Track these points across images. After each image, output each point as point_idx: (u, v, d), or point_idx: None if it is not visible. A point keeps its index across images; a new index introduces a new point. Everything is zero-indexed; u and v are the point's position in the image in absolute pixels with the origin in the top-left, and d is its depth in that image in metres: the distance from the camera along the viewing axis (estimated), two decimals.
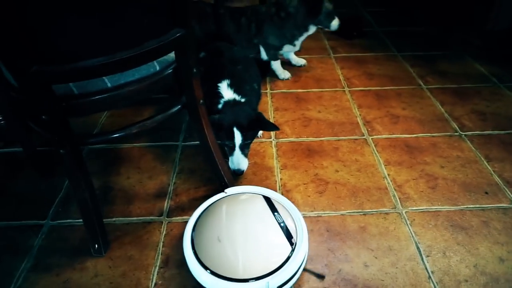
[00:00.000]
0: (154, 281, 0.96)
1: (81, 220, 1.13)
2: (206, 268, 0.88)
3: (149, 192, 1.23)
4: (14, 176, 1.30)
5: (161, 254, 1.03)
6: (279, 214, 1.01)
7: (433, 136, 1.46)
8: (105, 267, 1.00)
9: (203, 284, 0.88)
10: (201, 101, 1.05)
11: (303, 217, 1.13)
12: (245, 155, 1.24)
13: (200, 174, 1.29)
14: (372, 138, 1.45)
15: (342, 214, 1.13)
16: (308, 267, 0.98)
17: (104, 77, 0.85)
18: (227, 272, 0.87)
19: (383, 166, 1.32)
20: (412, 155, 1.36)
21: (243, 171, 1.22)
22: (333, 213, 1.14)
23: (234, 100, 1.26)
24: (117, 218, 1.13)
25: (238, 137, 1.19)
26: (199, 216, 1.02)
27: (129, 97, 0.89)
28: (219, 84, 1.29)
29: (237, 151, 1.21)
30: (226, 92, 1.28)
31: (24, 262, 1.02)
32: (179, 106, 1.03)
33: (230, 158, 1.23)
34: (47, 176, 1.29)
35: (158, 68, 0.93)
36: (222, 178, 1.18)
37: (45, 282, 0.96)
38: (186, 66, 0.96)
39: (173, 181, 1.27)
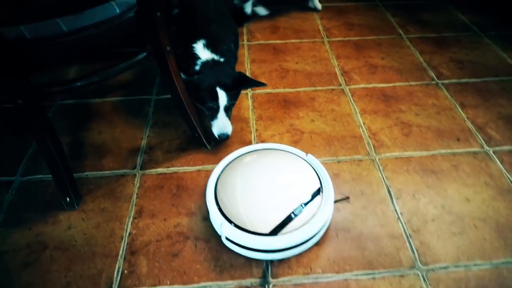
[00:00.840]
0: (128, 230, 0.96)
1: (48, 175, 1.11)
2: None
3: (122, 146, 1.20)
4: None
5: (135, 205, 1.02)
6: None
7: (410, 85, 1.45)
8: (78, 220, 0.99)
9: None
10: (168, 48, 1.00)
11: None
12: (229, 117, 1.16)
13: (175, 128, 1.27)
14: (349, 88, 1.43)
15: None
16: None
17: (58, 20, 0.80)
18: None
19: (359, 115, 1.31)
20: (388, 104, 1.36)
21: (228, 135, 1.15)
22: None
23: (213, 60, 1.19)
24: (89, 172, 1.12)
25: (222, 98, 1.12)
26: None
27: (87, 43, 0.84)
28: (194, 45, 1.22)
29: (222, 113, 1.14)
30: (203, 53, 1.20)
31: None
32: (144, 54, 0.98)
33: (212, 122, 1.16)
34: (17, 135, 1.25)
35: (118, 11, 0.88)
36: (195, 130, 1.16)
37: (18, 236, 0.96)
38: (149, 9, 0.90)
39: (147, 134, 1.25)
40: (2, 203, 1.04)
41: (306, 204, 0.90)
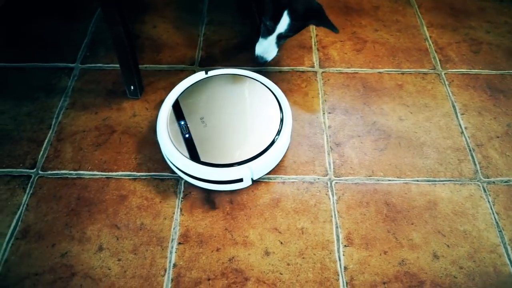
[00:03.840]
0: None
1: (111, 65, 1.11)
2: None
3: (178, 41, 1.17)
4: (28, 21, 1.22)
5: None
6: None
7: (482, 0, 1.33)
8: (142, 109, 1.01)
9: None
10: None
11: (339, 72, 1.10)
12: (278, 45, 1.01)
13: (231, 26, 1.22)
14: None
15: (379, 72, 1.10)
16: (339, 119, 0.99)
17: None
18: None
19: (425, 28, 1.23)
20: (457, 19, 1.26)
21: (266, 61, 1.01)
22: (370, 70, 1.10)
23: None
24: (148, 65, 1.10)
25: (283, 24, 0.95)
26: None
27: None
28: None
29: (272, 38, 0.98)
30: None
31: (60, 101, 1.03)
32: None
33: (260, 39, 1.01)
34: (73, 22, 1.22)
35: None
36: None
37: (86, 119, 0.99)
38: None
39: (203, 32, 1.20)
40: (66, 88, 1.05)
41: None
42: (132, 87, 1.00)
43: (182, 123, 0.89)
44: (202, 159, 0.83)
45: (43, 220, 0.83)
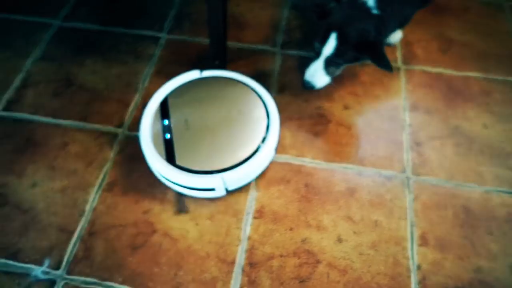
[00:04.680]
0: None
1: (196, 38, 1.13)
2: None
3: (260, 22, 1.18)
4: None
5: (277, 82, 1.04)
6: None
7: None
8: None
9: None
10: None
11: (423, 71, 1.07)
12: (328, 73, 0.92)
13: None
14: (510, 5, 1.26)
15: (465, 76, 1.06)
16: (421, 118, 0.97)
17: None
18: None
19: None
20: None
21: (313, 87, 0.93)
22: (456, 73, 1.07)
23: (363, 3, 0.88)
24: (230, 42, 1.13)
25: (330, 46, 0.87)
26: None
27: None
28: None
29: (319, 63, 0.90)
30: None
31: (147, 67, 1.07)
32: None
33: (311, 63, 0.92)
34: None
35: None
36: None
37: None
38: None
39: (286, 15, 1.21)
40: (152, 55, 1.10)
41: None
42: (217, 62, 1.03)
43: (166, 122, 0.86)
44: (177, 163, 0.80)
45: (127, 177, 0.88)
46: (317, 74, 0.91)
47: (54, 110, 0.98)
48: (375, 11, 0.87)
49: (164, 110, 0.88)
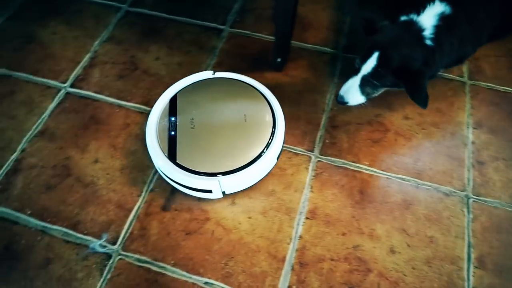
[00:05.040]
0: (329, 106, 0.99)
1: (259, 34, 1.14)
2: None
3: (323, 24, 1.18)
4: None
5: (336, 85, 1.03)
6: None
7: None
8: (284, 81, 1.04)
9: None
10: None
11: (490, 88, 1.04)
12: (363, 93, 0.87)
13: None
14: None
15: None
16: (485, 137, 0.94)
17: None
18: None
19: None
20: None
21: (345, 103, 0.89)
22: None
23: (419, 30, 0.83)
24: (293, 41, 1.13)
25: (369, 64, 0.83)
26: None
27: None
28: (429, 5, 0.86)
29: (357, 79, 0.86)
30: (428, 14, 0.84)
31: (208, 59, 1.09)
32: None
33: (348, 80, 0.89)
34: None
35: None
36: None
37: None
38: None
39: (348, 18, 1.19)
40: (214, 47, 1.11)
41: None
42: (279, 60, 1.03)
43: (172, 119, 0.85)
44: (178, 161, 0.80)
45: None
46: (352, 91, 0.88)
47: (118, 91, 1.02)
48: (429, 42, 0.82)
49: (173, 107, 0.88)
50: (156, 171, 0.88)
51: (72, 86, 1.03)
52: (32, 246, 0.79)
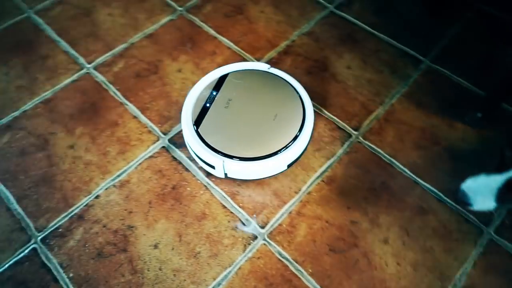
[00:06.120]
0: None
1: (459, 78, 1.06)
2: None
3: None
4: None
5: None
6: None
7: None
8: (475, 137, 0.95)
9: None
10: None
11: None
12: (499, 200, 0.63)
13: None
14: None
15: None
16: None
17: None
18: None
19: None
20: None
21: (468, 204, 0.66)
22: None
23: None
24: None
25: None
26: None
27: None
28: None
29: (496, 180, 0.63)
30: None
31: (399, 86, 1.05)
32: None
33: (481, 174, 0.65)
34: (433, 14, 1.21)
35: None
36: None
37: (415, 115, 0.99)
38: None
39: None
40: (408, 76, 1.07)
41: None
42: (479, 114, 0.94)
43: (214, 93, 0.91)
44: (199, 129, 0.86)
45: (345, 179, 0.89)
46: (484, 192, 0.64)
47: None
48: None
49: (219, 83, 0.94)
50: (320, 175, 0.89)
51: (267, 61, 1.09)
52: (194, 197, 0.87)
